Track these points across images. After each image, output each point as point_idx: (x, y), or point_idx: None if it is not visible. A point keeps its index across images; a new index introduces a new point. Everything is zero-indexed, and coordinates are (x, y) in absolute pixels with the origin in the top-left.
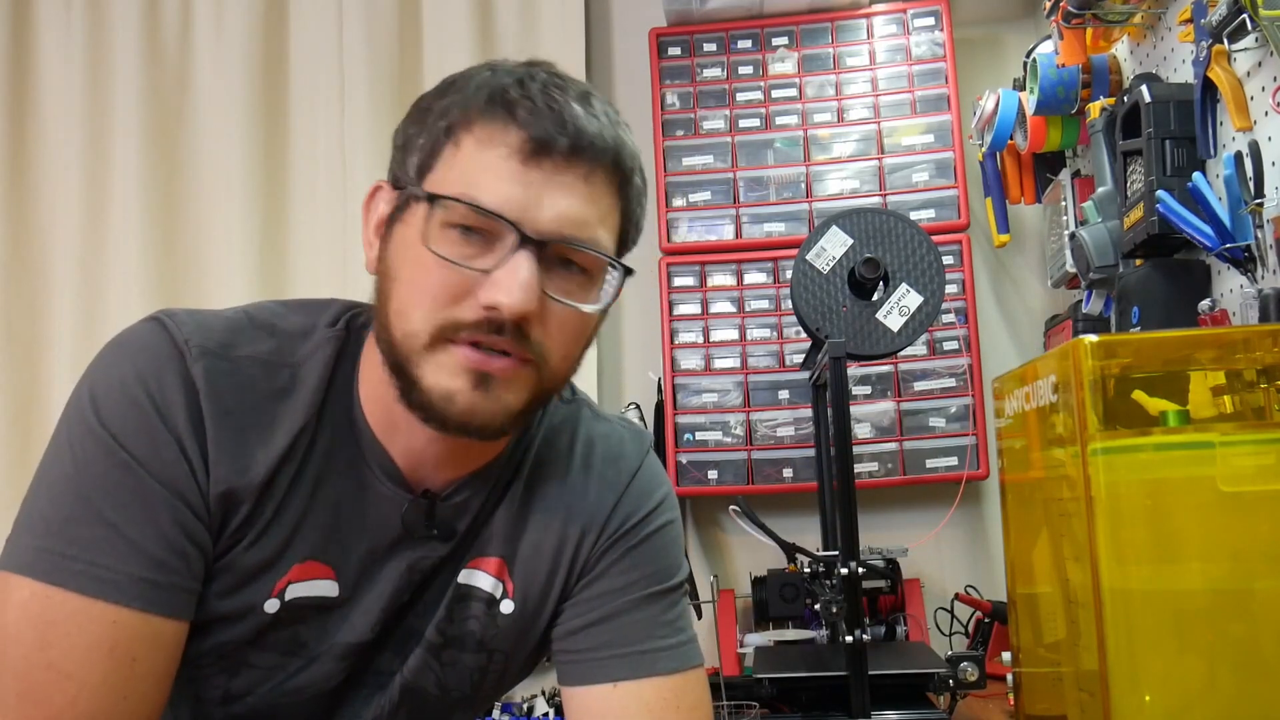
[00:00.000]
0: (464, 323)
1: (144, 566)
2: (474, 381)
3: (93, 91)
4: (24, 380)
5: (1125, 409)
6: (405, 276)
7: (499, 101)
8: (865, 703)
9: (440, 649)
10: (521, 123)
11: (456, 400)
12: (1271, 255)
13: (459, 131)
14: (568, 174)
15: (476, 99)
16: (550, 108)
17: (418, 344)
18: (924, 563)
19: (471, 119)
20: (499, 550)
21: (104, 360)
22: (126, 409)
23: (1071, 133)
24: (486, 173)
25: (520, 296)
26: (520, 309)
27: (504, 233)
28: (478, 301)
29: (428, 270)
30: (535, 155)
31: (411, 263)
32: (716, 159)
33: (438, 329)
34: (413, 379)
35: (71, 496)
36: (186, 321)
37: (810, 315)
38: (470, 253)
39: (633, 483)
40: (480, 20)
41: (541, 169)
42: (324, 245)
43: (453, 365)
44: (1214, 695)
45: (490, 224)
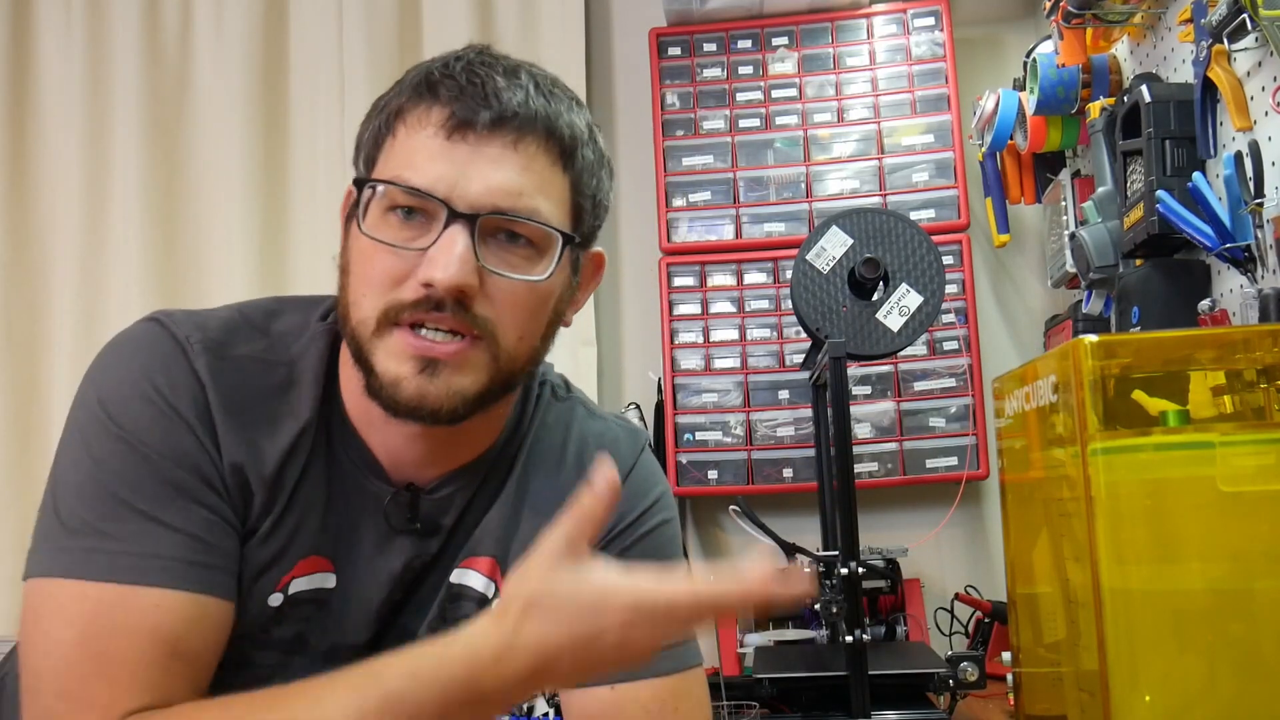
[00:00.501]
0: (405, 303)
1: (189, 549)
2: (419, 366)
3: (93, 91)
4: (24, 380)
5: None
6: (354, 267)
7: (424, 85)
8: (865, 703)
9: None
10: (444, 101)
11: (403, 386)
12: (1271, 255)
13: (394, 121)
14: (493, 145)
15: (408, 87)
16: (471, 83)
17: (368, 331)
18: (924, 563)
19: (404, 107)
20: (491, 550)
21: (107, 362)
22: (139, 405)
23: (1071, 133)
24: (415, 154)
25: (454, 270)
26: (453, 282)
27: (436, 211)
28: (416, 280)
29: (371, 256)
30: (458, 130)
31: (358, 252)
32: (716, 159)
33: (382, 313)
34: (369, 367)
35: (103, 498)
36: (184, 321)
37: (810, 315)
38: (409, 235)
39: (626, 482)
40: (480, 20)
41: (466, 142)
42: (324, 245)
43: (398, 350)
44: (1214, 695)
45: (423, 203)
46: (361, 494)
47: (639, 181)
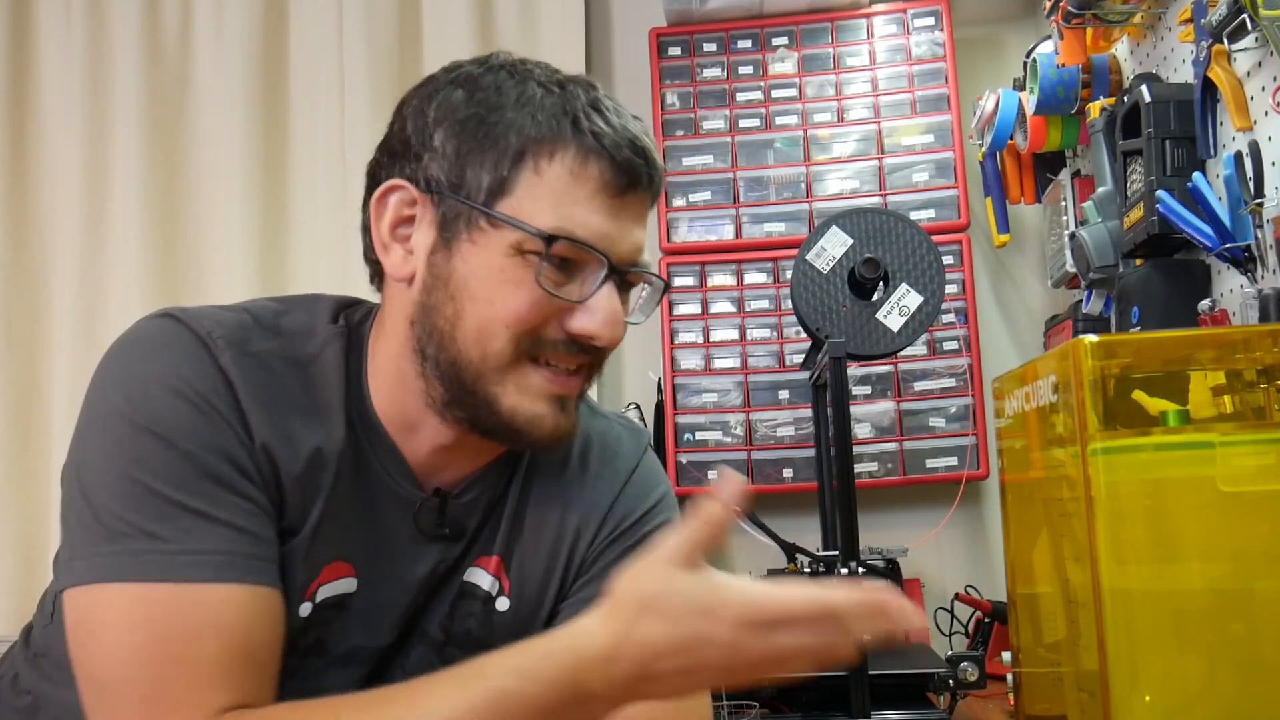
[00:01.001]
0: (548, 342)
1: (244, 542)
2: (558, 405)
3: (93, 91)
4: (24, 380)
5: (1125, 409)
6: (489, 298)
7: (585, 130)
8: (865, 703)
9: (442, 647)
10: (608, 155)
11: (545, 423)
12: (1271, 255)
13: (538, 158)
14: (644, 204)
15: (556, 123)
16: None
17: (501, 362)
18: (924, 563)
19: (553, 145)
20: (498, 548)
21: (125, 360)
22: (172, 404)
23: (1071, 133)
24: (578, 206)
25: (616, 331)
26: (616, 339)
27: (593, 262)
28: (562, 326)
29: (522, 298)
30: (626, 189)
31: (501, 286)
32: (716, 159)
33: (526, 348)
34: (487, 398)
35: (147, 498)
36: (201, 316)
37: (810, 315)
38: (559, 280)
39: (630, 481)
40: (480, 20)
41: (625, 200)
42: (324, 245)
43: (536, 389)
44: (1214, 695)
45: (585, 256)
46: (393, 499)
47: None
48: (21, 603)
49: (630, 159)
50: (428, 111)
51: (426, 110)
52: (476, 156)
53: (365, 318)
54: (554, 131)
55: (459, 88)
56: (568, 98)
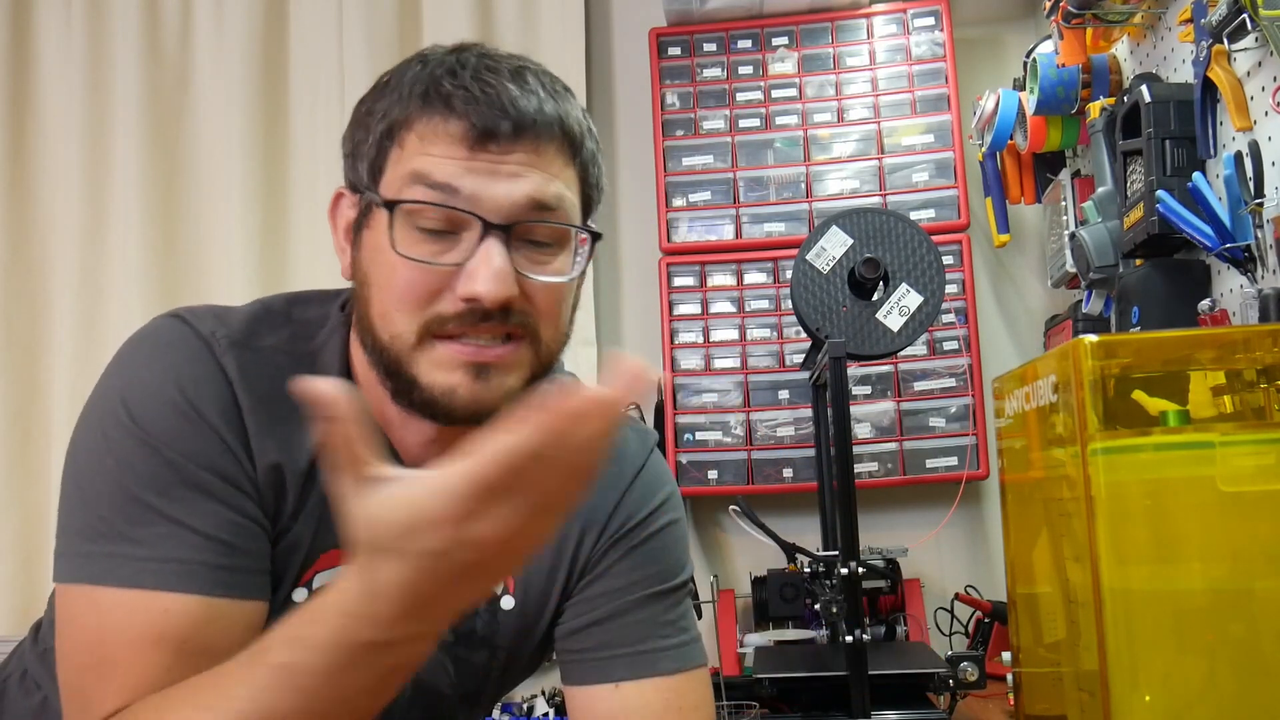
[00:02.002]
0: (447, 316)
1: (211, 552)
2: (471, 373)
3: (93, 91)
4: (24, 380)
5: (1125, 409)
6: (380, 281)
7: (434, 95)
8: (865, 703)
9: (451, 646)
10: (459, 112)
11: (459, 393)
12: (1271, 255)
13: (400, 131)
14: (516, 153)
15: (412, 96)
16: (485, 92)
17: (406, 344)
18: (924, 563)
19: (410, 117)
20: None
21: (130, 361)
22: (164, 409)
23: (1071, 133)
24: (435, 167)
25: (497, 286)
26: (499, 296)
27: (467, 223)
28: (455, 295)
29: (401, 273)
30: (480, 141)
31: (384, 266)
32: (716, 159)
33: (422, 327)
34: (409, 378)
35: (125, 501)
36: (207, 316)
37: (810, 315)
38: (438, 249)
39: (635, 482)
40: (480, 20)
41: (489, 153)
42: (324, 245)
43: (448, 360)
44: (1214, 695)
45: (451, 216)
46: None
47: (639, 181)
48: (22, 603)
49: (485, 113)
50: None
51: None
52: (362, 147)
53: None
54: (410, 105)
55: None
56: (430, 69)
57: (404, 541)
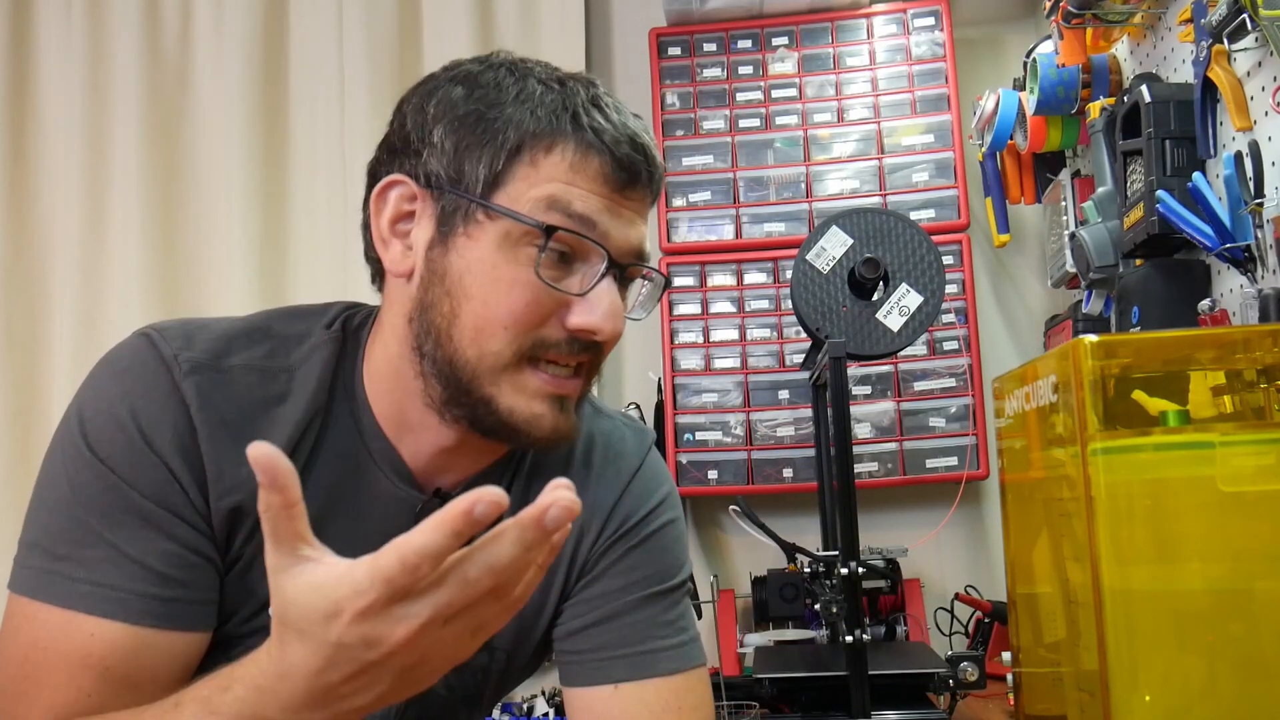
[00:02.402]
0: (549, 342)
1: (149, 583)
2: (556, 405)
3: (93, 91)
4: (24, 380)
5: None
6: (485, 296)
7: (585, 125)
8: (865, 703)
9: None
10: (606, 148)
11: (544, 424)
12: (1271, 255)
13: (535, 151)
14: (644, 200)
15: (555, 118)
16: (632, 139)
17: (499, 364)
18: (924, 563)
19: (553, 139)
20: None
21: (93, 382)
22: (113, 433)
23: (1071, 133)
24: (576, 196)
25: (616, 324)
26: (615, 333)
27: (592, 256)
28: (562, 322)
29: (520, 293)
30: (621, 185)
31: (496, 282)
32: (716, 159)
33: (521, 349)
34: (485, 399)
35: (70, 520)
36: (176, 336)
37: (810, 315)
38: (557, 274)
39: (633, 481)
40: (480, 20)
41: (624, 195)
42: (324, 245)
43: (534, 389)
44: (1214, 695)
45: (583, 248)
46: (391, 501)
47: None
48: None
49: (630, 155)
50: (427, 108)
51: (426, 107)
52: (475, 151)
53: (364, 322)
54: (552, 126)
55: (459, 85)
56: (567, 94)
57: (314, 627)
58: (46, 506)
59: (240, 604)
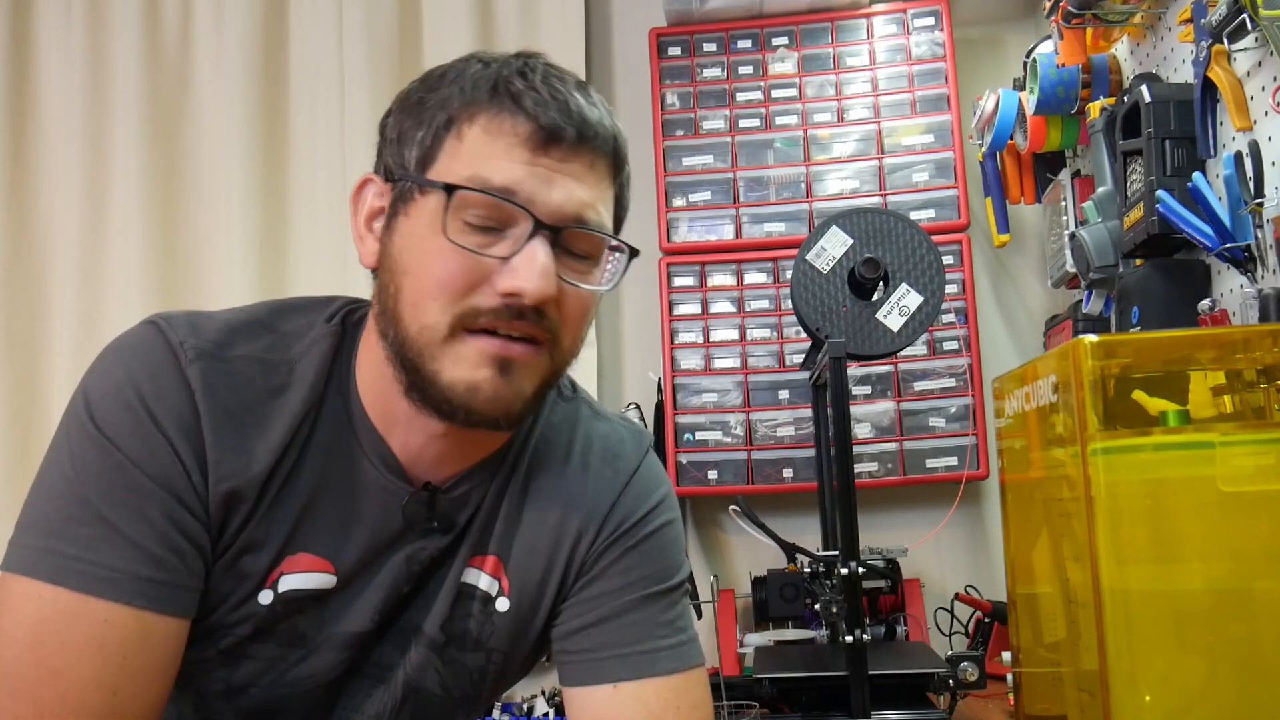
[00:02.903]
0: (483, 310)
1: (143, 564)
2: (498, 369)
3: (93, 91)
4: (24, 380)
5: (1125, 409)
6: (417, 269)
7: (504, 92)
8: (865, 703)
9: (443, 648)
10: (529, 112)
11: (483, 389)
12: (1271, 255)
13: (461, 123)
14: (574, 161)
15: (478, 90)
16: (554, 97)
17: (436, 336)
18: (924, 563)
19: (475, 109)
20: (495, 548)
21: (100, 365)
22: (120, 412)
23: (1071, 133)
24: (494, 160)
25: (541, 283)
26: (543, 294)
27: (518, 219)
28: (494, 289)
29: (442, 261)
30: (545, 144)
31: (424, 254)
32: (716, 159)
33: (457, 318)
34: (429, 374)
35: (70, 498)
36: (182, 324)
37: (810, 315)
38: (483, 241)
39: (631, 483)
40: (480, 20)
41: (550, 156)
42: (324, 245)
43: (475, 356)
44: (1214, 695)
45: (506, 211)
46: (372, 491)
47: (639, 181)
48: None
49: (553, 117)
50: (392, 107)
51: (392, 107)
52: (412, 133)
53: (365, 316)
54: (475, 97)
55: (419, 79)
56: (499, 67)
57: None
58: (46, 487)
59: (229, 591)
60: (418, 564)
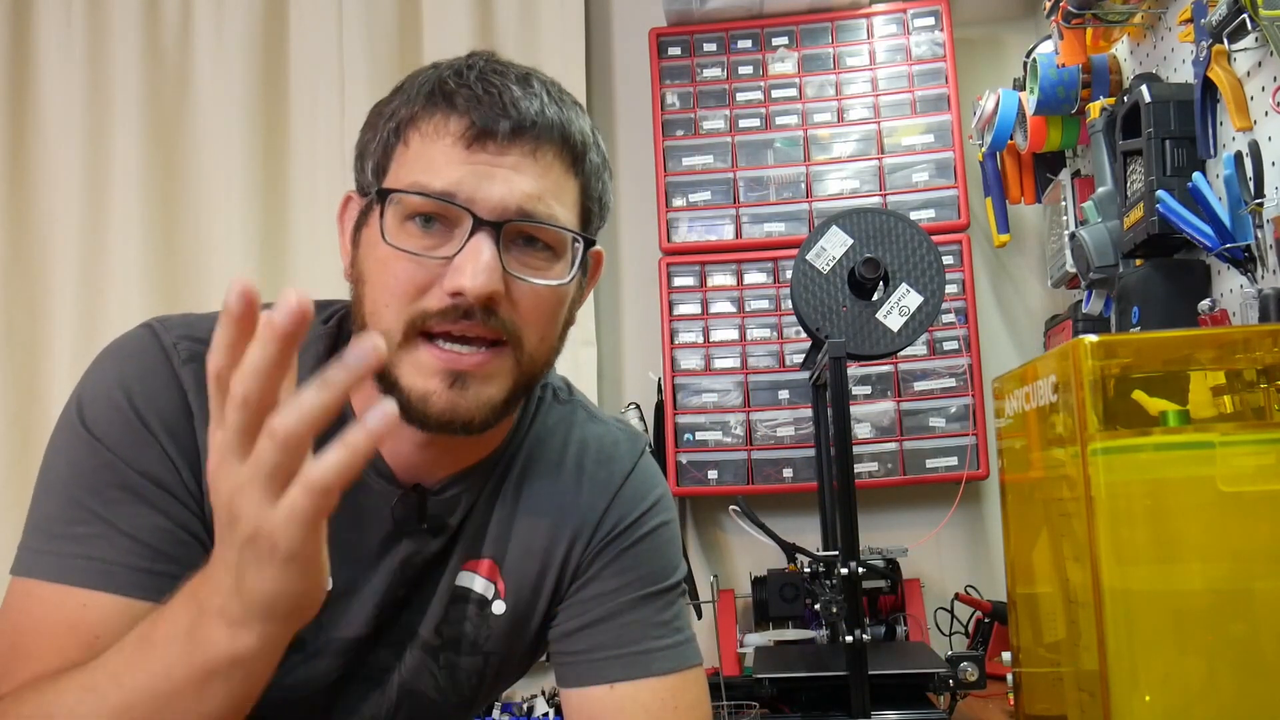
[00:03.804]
0: (431, 312)
1: (136, 555)
2: (448, 380)
3: (93, 91)
4: (24, 380)
5: (1125, 409)
6: (372, 277)
7: (439, 94)
8: (865, 703)
9: (438, 651)
10: (461, 110)
11: (433, 400)
12: (1271, 255)
13: (406, 130)
14: (513, 153)
15: (419, 96)
16: (488, 92)
17: (393, 342)
18: (924, 563)
19: (416, 116)
20: (490, 551)
21: (94, 368)
22: (109, 412)
23: (1071, 133)
24: (434, 162)
25: (483, 279)
26: (483, 290)
27: (460, 218)
28: (443, 290)
29: (391, 266)
30: (479, 139)
31: (376, 261)
32: (716, 159)
33: (408, 323)
34: (391, 380)
35: (65, 499)
36: (176, 326)
37: (810, 315)
38: (431, 243)
39: (625, 485)
40: (480, 20)
41: (486, 151)
42: (324, 245)
43: (426, 365)
44: (1214, 695)
45: (445, 211)
46: (363, 494)
47: (639, 181)
48: None
49: (485, 112)
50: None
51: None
52: (369, 146)
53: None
54: (417, 106)
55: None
56: (440, 71)
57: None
58: (45, 490)
59: None
60: (412, 568)
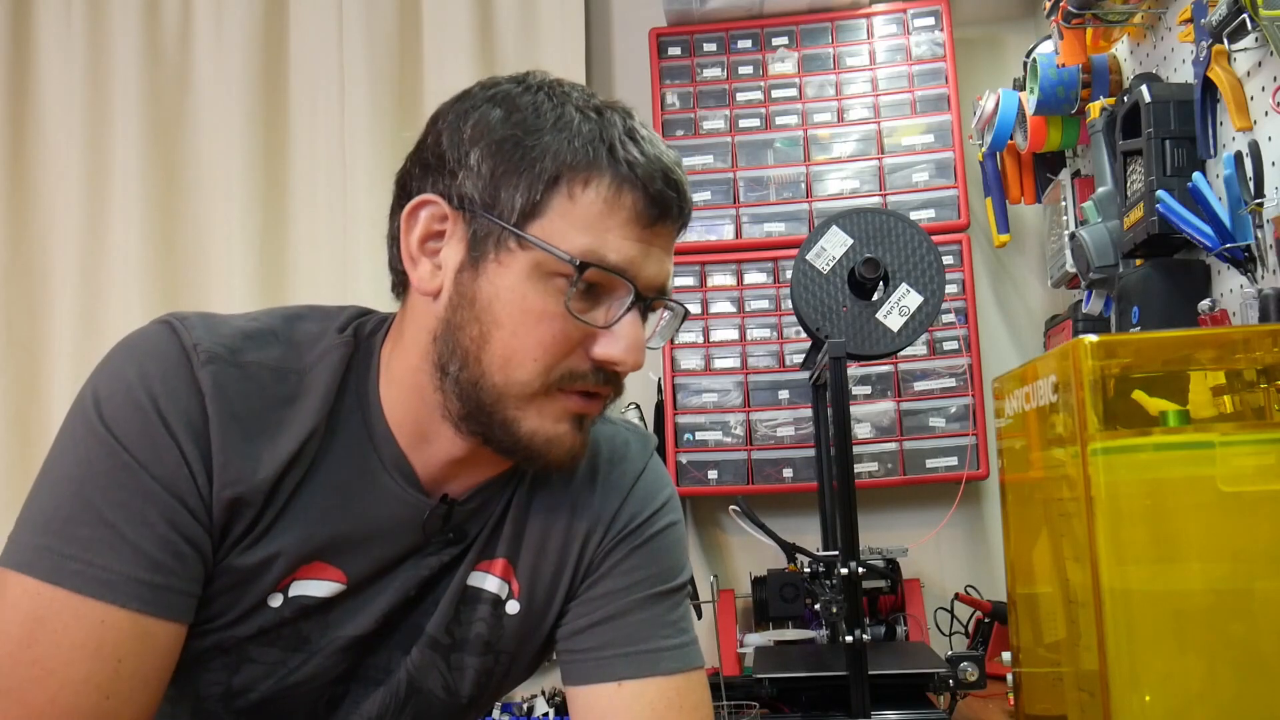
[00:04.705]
0: (578, 373)
1: (141, 568)
2: (576, 424)
3: (93, 91)
4: (24, 380)
5: (1125, 409)
6: (515, 326)
7: (617, 157)
8: (865, 703)
9: (449, 651)
10: (640, 185)
11: (563, 444)
12: (1271, 255)
13: (573, 184)
14: (672, 234)
15: (586, 148)
16: (667, 178)
17: (525, 392)
18: (924, 563)
19: (590, 173)
20: (504, 551)
21: (111, 362)
22: (130, 412)
23: (1071, 133)
24: (610, 235)
25: (639, 357)
26: (638, 366)
27: (617, 289)
28: (587, 352)
29: (549, 326)
30: (656, 221)
31: (526, 314)
32: (716, 159)
33: (552, 379)
34: (506, 420)
35: (72, 496)
36: (196, 325)
37: (810, 315)
38: (582, 307)
39: (638, 484)
40: (480, 20)
41: (654, 230)
42: (324, 245)
43: (558, 412)
44: (1214, 695)
45: (612, 283)
46: (390, 503)
47: None
48: None
49: (663, 191)
50: (463, 128)
51: (463, 127)
52: (511, 178)
53: (377, 328)
54: (589, 158)
55: (496, 106)
56: (605, 124)
57: None
58: (49, 484)
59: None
60: (426, 569)
